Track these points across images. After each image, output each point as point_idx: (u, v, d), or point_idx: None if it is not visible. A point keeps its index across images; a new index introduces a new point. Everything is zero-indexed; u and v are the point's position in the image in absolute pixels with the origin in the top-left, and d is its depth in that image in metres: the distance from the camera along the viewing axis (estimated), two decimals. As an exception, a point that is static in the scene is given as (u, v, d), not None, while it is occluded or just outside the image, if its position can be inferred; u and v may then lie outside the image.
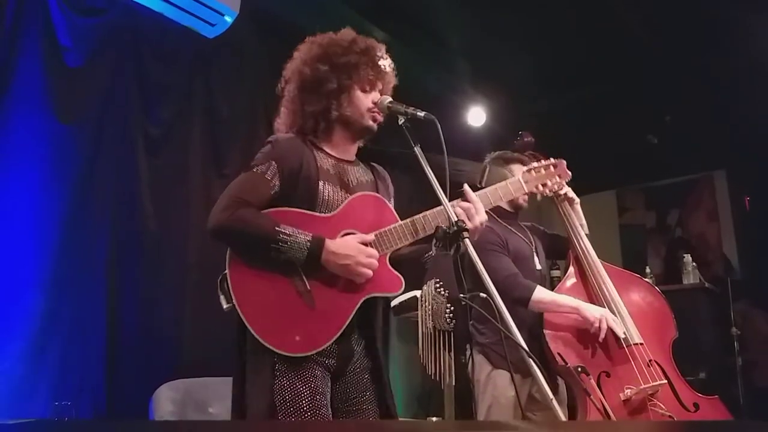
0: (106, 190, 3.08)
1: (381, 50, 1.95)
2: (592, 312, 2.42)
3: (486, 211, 2.77)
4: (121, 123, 3.19)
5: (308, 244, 1.69)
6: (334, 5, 3.65)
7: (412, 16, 4.05)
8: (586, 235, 2.72)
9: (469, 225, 1.75)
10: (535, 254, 2.73)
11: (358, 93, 1.90)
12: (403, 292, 3.18)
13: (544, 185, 2.03)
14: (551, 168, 2.05)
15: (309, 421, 1.68)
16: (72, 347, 2.82)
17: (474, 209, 1.79)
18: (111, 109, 3.15)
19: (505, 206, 2.78)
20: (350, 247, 1.72)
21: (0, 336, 2.62)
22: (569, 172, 2.08)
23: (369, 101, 1.90)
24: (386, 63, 1.95)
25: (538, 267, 2.73)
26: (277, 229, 1.69)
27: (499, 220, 2.74)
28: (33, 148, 2.84)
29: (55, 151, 2.91)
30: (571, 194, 2.75)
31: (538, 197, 2.58)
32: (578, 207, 2.76)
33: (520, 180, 1.99)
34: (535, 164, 2.05)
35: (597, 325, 2.39)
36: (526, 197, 2.77)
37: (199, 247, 3.31)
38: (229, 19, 3.38)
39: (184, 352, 3.22)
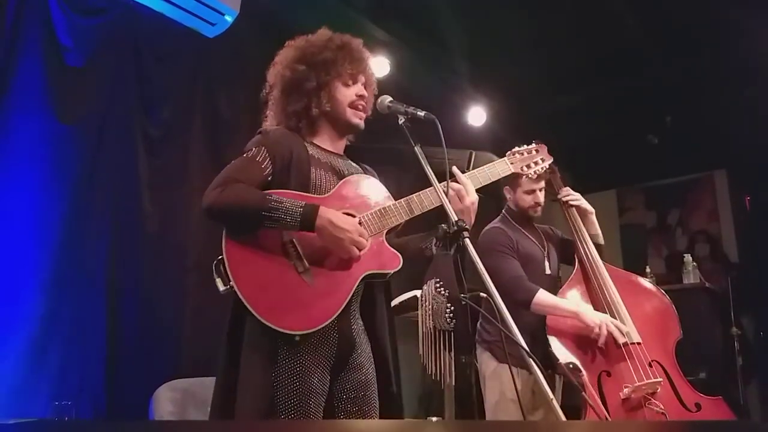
0: (107, 190, 3.08)
1: (358, 44, 1.97)
2: (592, 317, 2.44)
3: (502, 215, 2.81)
4: (121, 123, 3.19)
5: (300, 209, 1.69)
6: (334, 5, 3.65)
7: (413, 16, 4.05)
8: (600, 245, 2.73)
9: (459, 205, 1.80)
10: (546, 259, 2.76)
11: (340, 87, 1.92)
12: (403, 292, 3.17)
13: (528, 167, 2.08)
14: (533, 152, 2.10)
15: (310, 421, 1.67)
16: (72, 347, 2.82)
17: (464, 190, 1.83)
18: (111, 109, 3.15)
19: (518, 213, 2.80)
20: (348, 222, 1.73)
21: (0, 336, 2.62)
22: (551, 156, 2.13)
23: (352, 95, 1.92)
24: (366, 56, 1.96)
25: (548, 271, 2.75)
26: (267, 197, 1.70)
27: (513, 222, 2.77)
28: (33, 148, 2.84)
29: (55, 151, 2.91)
30: (585, 205, 2.76)
31: (524, 176, 2.59)
32: (593, 217, 2.78)
33: (506, 161, 2.04)
34: (517, 148, 2.11)
35: (597, 330, 2.42)
36: (539, 208, 2.78)
37: (200, 248, 3.31)
38: (229, 19, 3.38)
39: (184, 351, 3.22)
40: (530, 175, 2.13)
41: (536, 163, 2.09)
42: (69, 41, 3.02)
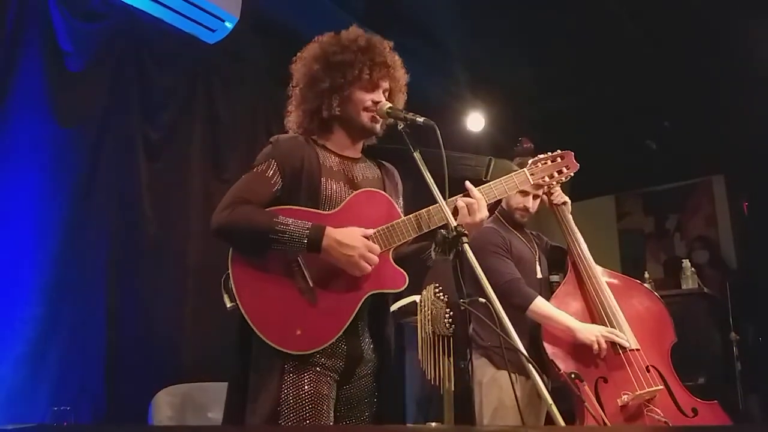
0: (107, 194, 3.08)
1: (384, 48, 1.91)
2: (587, 335, 2.41)
3: (495, 216, 2.80)
4: (121, 127, 3.19)
5: (307, 232, 1.68)
6: (333, 11, 3.67)
7: (412, 22, 4.06)
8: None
9: (468, 219, 1.77)
10: (537, 262, 2.74)
11: (357, 92, 1.86)
12: (403, 297, 3.16)
13: (551, 177, 2.01)
14: (558, 159, 2.03)
15: (309, 426, 1.68)
16: (72, 352, 2.82)
17: (477, 205, 1.80)
18: (112, 114, 3.16)
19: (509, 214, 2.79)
20: (355, 239, 1.71)
21: (0, 339, 2.62)
22: (577, 163, 2.06)
23: (368, 100, 1.87)
24: (391, 59, 1.90)
25: (539, 275, 2.73)
26: (275, 220, 1.69)
27: (505, 223, 2.75)
28: (33, 152, 2.85)
29: (55, 155, 2.92)
30: (564, 198, 2.75)
31: (538, 197, 2.58)
32: (569, 212, 2.77)
33: (525, 172, 1.97)
34: (541, 156, 2.03)
35: (596, 347, 2.40)
36: (526, 214, 2.75)
37: (199, 252, 3.32)
38: (229, 25, 3.39)
39: (183, 356, 3.22)
40: (552, 186, 2.05)
41: (560, 172, 2.00)
42: (69, 46, 3.03)
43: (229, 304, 1.72)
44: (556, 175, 2.02)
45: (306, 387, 1.68)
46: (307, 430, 1.69)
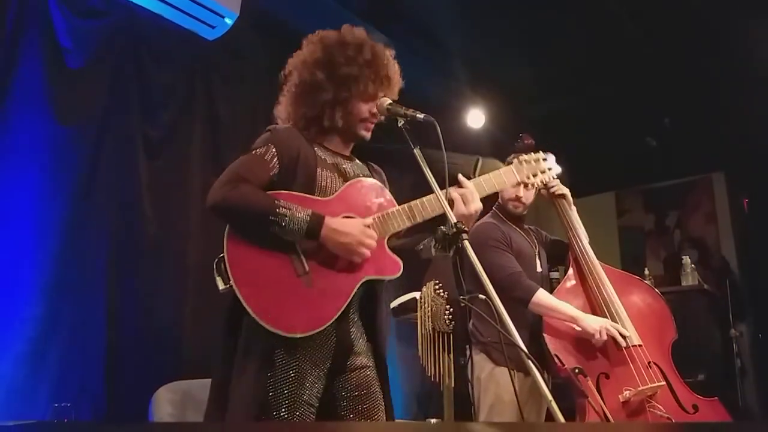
0: (107, 193, 3.08)
1: (387, 58, 1.93)
2: (591, 324, 2.43)
3: (493, 211, 2.82)
4: (121, 125, 3.19)
5: (307, 218, 1.69)
6: (334, 8, 3.67)
7: (412, 20, 4.06)
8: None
9: (463, 210, 1.79)
10: (537, 256, 2.75)
11: (357, 104, 1.89)
12: (402, 294, 3.18)
13: (535, 175, 2.05)
14: (541, 160, 2.08)
15: (308, 424, 1.68)
16: (72, 349, 2.82)
17: (471, 195, 1.82)
18: (112, 111, 3.15)
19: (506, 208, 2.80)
20: (352, 226, 1.73)
21: (0, 338, 2.62)
22: (558, 166, 2.11)
23: (366, 111, 1.90)
24: (392, 71, 1.92)
25: (539, 269, 2.75)
26: (276, 203, 1.69)
27: (503, 217, 2.77)
28: (33, 150, 2.84)
29: (55, 154, 2.91)
30: (563, 189, 2.76)
31: (530, 187, 2.60)
32: (572, 205, 2.77)
33: (512, 170, 2.02)
34: (525, 156, 2.07)
35: (597, 336, 2.41)
36: (520, 205, 2.77)
37: (199, 252, 3.32)
38: (229, 22, 3.38)
39: (183, 353, 3.22)
40: (536, 185, 2.11)
41: (543, 172, 2.05)
42: (69, 43, 3.03)
43: (222, 287, 1.70)
44: (539, 174, 2.06)
45: (286, 390, 1.67)
46: (307, 428, 1.69)
